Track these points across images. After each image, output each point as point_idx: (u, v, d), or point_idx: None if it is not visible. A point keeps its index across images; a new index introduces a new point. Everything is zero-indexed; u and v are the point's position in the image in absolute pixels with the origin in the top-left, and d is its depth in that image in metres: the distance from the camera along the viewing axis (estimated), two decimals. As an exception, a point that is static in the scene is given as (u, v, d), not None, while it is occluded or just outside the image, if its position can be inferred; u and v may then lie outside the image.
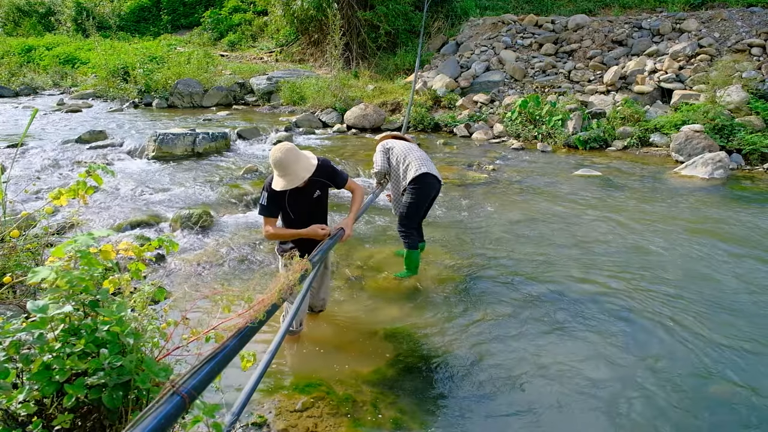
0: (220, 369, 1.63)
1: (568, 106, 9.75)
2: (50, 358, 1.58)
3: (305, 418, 2.58)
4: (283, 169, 2.76)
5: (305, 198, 2.99)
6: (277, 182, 2.81)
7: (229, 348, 1.70)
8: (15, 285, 2.94)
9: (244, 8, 20.85)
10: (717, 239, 4.98)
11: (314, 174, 2.86)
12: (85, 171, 2.18)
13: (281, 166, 2.76)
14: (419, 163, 4.01)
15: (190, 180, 6.66)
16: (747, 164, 7.91)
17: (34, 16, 24.23)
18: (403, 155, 4.11)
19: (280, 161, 2.75)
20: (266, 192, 2.90)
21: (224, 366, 1.66)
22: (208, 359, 1.58)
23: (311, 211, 3.04)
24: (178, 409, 1.37)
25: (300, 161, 2.80)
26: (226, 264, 4.38)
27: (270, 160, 2.81)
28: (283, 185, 2.77)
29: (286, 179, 2.77)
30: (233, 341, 1.73)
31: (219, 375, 1.64)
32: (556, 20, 12.89)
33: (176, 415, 1.37)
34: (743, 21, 10.72)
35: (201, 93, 13.63)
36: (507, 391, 2.83)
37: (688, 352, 3.18)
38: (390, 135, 4.47)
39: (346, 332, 3.40)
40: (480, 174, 7.44)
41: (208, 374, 1.55)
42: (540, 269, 4.36)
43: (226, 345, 1.69)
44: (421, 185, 3.99)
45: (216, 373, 1.61)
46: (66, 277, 1.66)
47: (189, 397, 1.41)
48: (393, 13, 14.27)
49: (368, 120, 10.69)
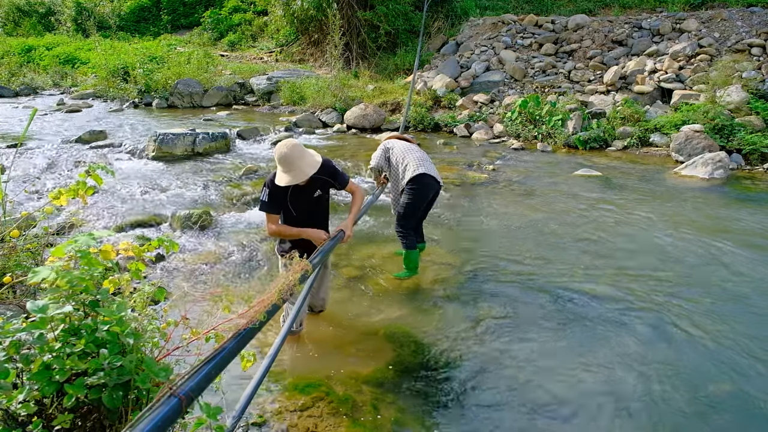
0: (218, 371, 1.62)
1: (568, 106, 9.75)
2: (50, 358, 1.58)
3: (305, 418, 2.58)
4: (288, 165, 2.74)
5: (306, 196, 2.98)
6: (281, 178, 2.78)
7: (228, 350, 1.69)
8: (15, 285, 2.94)
9: (244, 8, 20.86)
10: (717, 239, 4.98)
11: (317, 172, 2.85)
12: (85, 171, 2.18)
13: (286, 162, 2.74)
14: (417, 164, 4.02)
15: (190, 180, 6.66)
16: (747, 164, 7.91)
17: (34, 16, 24.24)
18: (402, 155, 4.13)
19: (285, 156, 2.74)
20: (267, 188, 2.89)
21: (223, 368, 1.65)
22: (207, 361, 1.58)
23: (311, 210, 3.03)
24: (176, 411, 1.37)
25: (305, 158, 2.80)
26: (226, 264, 4.38)
27: (274, 155, 2.80)
28: (287, 180, 2.75)
29: (290, 174, 2.75)
30: (232, 343, 1.73)
31: (219, 376, 1.64)
32: (556, 20, 12.89)
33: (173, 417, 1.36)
34: (743, 21, 10.72)
35: (201, 93, 13.63)
36: (507, 391, 2.83)
37: (687, 351, 3.18)
38: (394, 135, 4.50)
39: (346, 332, 3.40)
40: (480, 174, 7.44)
41: (206, 376, 1.55)
42: (540, 269, 4.36)
43: (224, 347, 1.68)
44: (419, 186, 3.99)
45: (215, 375, 1.60)
46: (66, 277, 1.66)
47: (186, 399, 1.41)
48: (393, 13, 14.27)
49: (368, 120, 10.70)
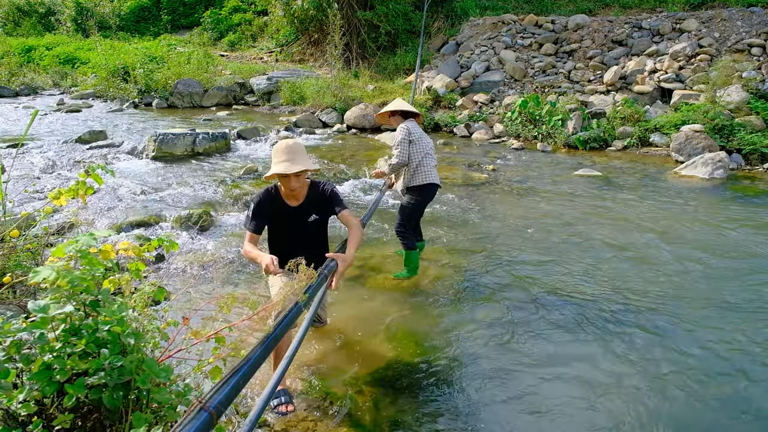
0: (245, 382, 1.61)
1: (568, 106, 9.75)
2: (51, 358, 1.58)
3: (305, 418, 2.58)
4: (289, 153, 2.67)
5: (299, 218, 2.87)
6: (277, 167, 2.67)
7: (254, 360, 1.68)
8: (15, 285, 2.94)
9: (244, 8, 20.87)
10: (717, 239, 4.98)
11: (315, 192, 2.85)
12: (85, 171, 2.18)
13: (288, 150, 2.68)
14: (429, 170, 4.07)
15: (190, 180, 6.66)
16: (747, 164, 7.91)
17: (34, 16, 24.25)
18: (421, 153, 4.05)
19: (288, 146, 2.70)
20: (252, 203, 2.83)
21: (249, 378, 1.64)
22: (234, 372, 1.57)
23: (305, 236, 2.91)
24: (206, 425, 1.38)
25: (306, 154, 2.78)
26: (226, 264, 4.38)
27: (274, 148, 2.74)
28: (284, 168, 2.63)
29: (288, 163, 2.66)
30: (257, 353, 1.71)
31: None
32: (556, 20, 12.89)
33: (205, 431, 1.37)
34: (743, 21, 10.72)
35: (201, 93, 13.63)
36: (507, 391, 2.83)
37: (687, 351, 3.18)
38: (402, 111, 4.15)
39: (346, 332, 3.40)
40: (480, 174, 7.44)
41: (233, 388, 1.54)
42: (540, 269, 4.36)
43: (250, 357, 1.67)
44: (426, 193, 4.11)
45: (242, 387, 1.59)
46: (67, 276, 1.65)
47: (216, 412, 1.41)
48: (393, 13, 14.27)
49: (368, 120, 10.70)
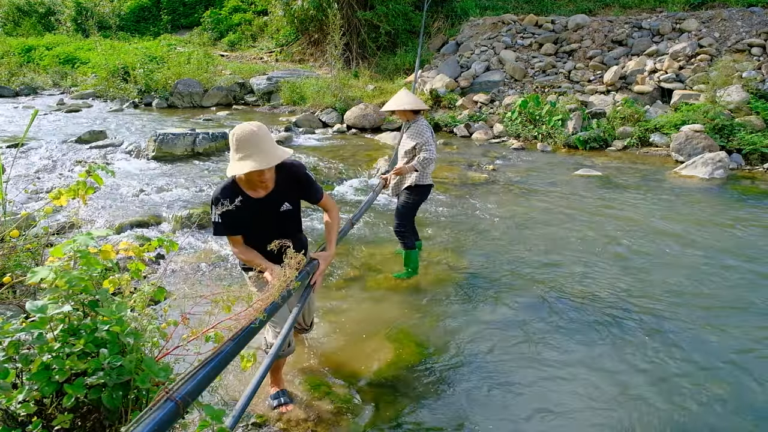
0: (216, 373, 1.61)
1: (568, 106, 9.75)
2: (50, 358, 1.58)
3: (305, 418, 2.58)
4: (252, 147, 2.14)
5: (270, 210, 2.42)
6: (240, 166, 2.14)
7: (226, 352, 1.68)
8: (15, 285, 2.93)
9: (244, 8, 20.85)
10: (717, 239, 4.98)
11: (284, 178, 2.40)
12: (85, 171, 2.18)
13: (250, 143, 2.14)
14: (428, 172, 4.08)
15: (190, 180, 6.66)
16: (747, 164, 7.90)
17: (34, 16, 24.22)
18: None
19: (249, 136, 2.15)
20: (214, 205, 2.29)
21: (220, 370, 1.64)
22: (204, 364, 1.57)
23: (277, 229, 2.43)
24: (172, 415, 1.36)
25: (273, 142, 2.24)
26: (226, 264, 4.37)
27: (231, 139, 2.18)
28: (250, 166, 2.12)
29: (253, 159, 2.14)
30: (229, 346, 1.71)
31: (218, 377, 1.63)
32: (556, 20, 12.88)
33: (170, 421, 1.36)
34: (743, 21, 10.71)
35: (201, 93, 13.63)
36: (507, 391, 2.83)
37: (687, 352, 3.17)
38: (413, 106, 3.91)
39: (346, 332, 3.40)
40: (480, 174, 7.44)
41: (203, 379, 1.54)
42: (540, 269, 4.36)
43: (222, 349, 1.67)
44: (426, 193, 4.15)
45: (212, 378, 1.59)
46: (65, 277, 1.65)
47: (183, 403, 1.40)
48: (393, 13, 14.26)
49: (368, 120, 10.70)
